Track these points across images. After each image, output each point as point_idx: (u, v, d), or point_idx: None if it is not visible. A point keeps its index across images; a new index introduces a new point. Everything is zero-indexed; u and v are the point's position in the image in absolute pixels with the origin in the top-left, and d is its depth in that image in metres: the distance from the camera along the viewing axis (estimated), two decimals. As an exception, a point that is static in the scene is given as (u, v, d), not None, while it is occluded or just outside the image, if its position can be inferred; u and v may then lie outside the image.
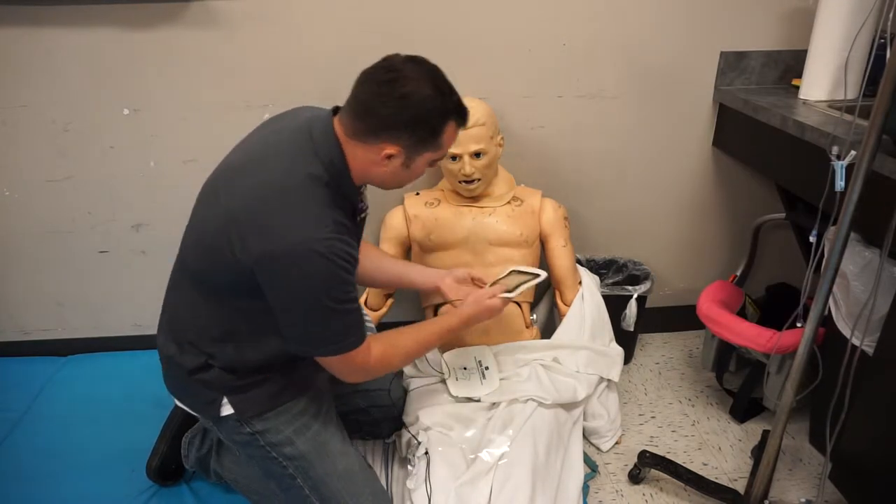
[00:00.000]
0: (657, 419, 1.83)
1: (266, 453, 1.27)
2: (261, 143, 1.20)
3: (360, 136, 1.13)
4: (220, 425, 1.29)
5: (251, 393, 1.25)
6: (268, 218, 1.08)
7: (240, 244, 1.08)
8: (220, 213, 1.12)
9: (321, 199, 1.10)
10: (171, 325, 1.27)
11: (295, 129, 1.17)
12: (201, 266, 1.18)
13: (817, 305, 1.20)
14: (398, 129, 1.12)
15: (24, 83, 1.71)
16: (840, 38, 1.59)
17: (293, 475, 1.28)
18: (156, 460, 1.54)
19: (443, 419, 1.51)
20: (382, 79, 1.11)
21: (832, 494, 1.45)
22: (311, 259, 1.05)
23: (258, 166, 1.14)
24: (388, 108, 1.10)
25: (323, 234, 1.07)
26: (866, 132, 1.04)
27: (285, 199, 1.08)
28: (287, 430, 1.27)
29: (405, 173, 1.20)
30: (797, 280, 1.97)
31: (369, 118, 1.11)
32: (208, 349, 1.22)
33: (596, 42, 1.80)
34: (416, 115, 1.11)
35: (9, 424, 1.75)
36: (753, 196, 2.05)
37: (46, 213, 1.88)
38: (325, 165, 1.13)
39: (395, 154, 1.14)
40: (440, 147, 1.19)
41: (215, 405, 1.24)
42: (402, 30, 1.73)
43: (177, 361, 1.25)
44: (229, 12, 1.68)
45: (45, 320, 2.04)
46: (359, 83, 1.14)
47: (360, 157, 1.15)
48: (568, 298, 1.77)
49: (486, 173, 1.69)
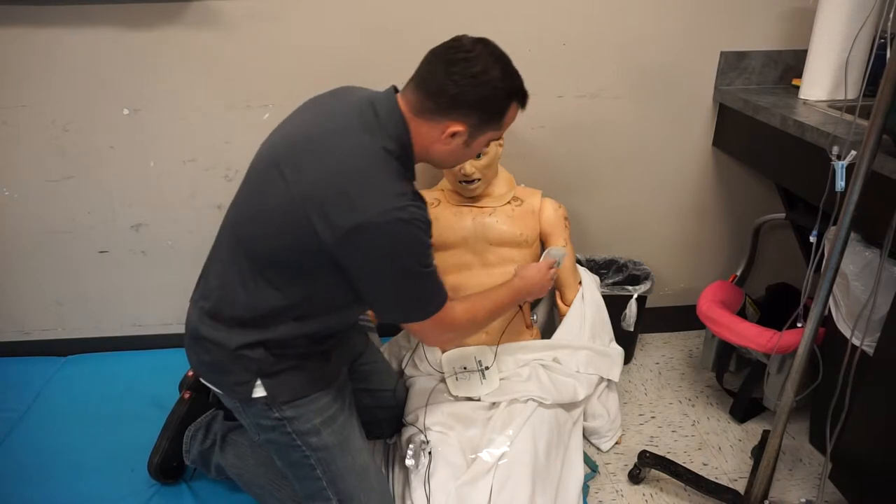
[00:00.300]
0: (657, 419, 1.83)
1: (291, 440, 1.27)
2: (321, 121, 1.19)
3: (427, 113, 1.16)
4: (246, 407, 1.27)
5: (286, 378, 1.24)
6: (351, 192, 1.09)
7: (322, 221, 1.08)
8: (291, 192, 1.12)
9: (396, 172, 1.14)
10: (218, 303, 1.24)
11: (356, 106, 1.18)
12: (264, 245, 1.17)
13: (817, 305, 1.20)
14: (467, 108, 1.15)
15: (24, 83, 1.72)
16: (840, 38, 1.59)
17: (314, 465, 1.27)
18: (157, 457, 1.53)
19: (443, 419, 1.51)
20: (454, 58, 1.14)
21: (832, 494, 1.45)
22: (398, 227, 1.09)
23: (326, 143, 1.14)
24: (459, 87, 1.13)
25: (404, 203, 1.10)
26: (866, 132, 1.04)
27: (365, 173, 1.11)
28: (315, 420, 1.27)
29: (464, 152, 1.23)
30: (797, 280, 1.97)
31: (440, 97, 1.14)
32: (259, 327, 1.21)
33: (596, 42, 1.80)
34: (486, 94, 1.15)
35: (9, 424, 1.75)
36: (753, 196, 2.05)
37: (46, 213, 1.88)
38: (395, 140, 1.16)
39: (460, 132, 1.17)
40: (501, 127, 1.23)
41: (248, 386, 1.23)
42: (402, 30, 1.73)
43: (218, 339, 1.22)
44: (229, 12, 1.68)
45: (44, 320, 2.04)
46: (428, 62, 1.17)
47: (423, 135, 1.18)
48: (568, 298, 1.78)
49: (487, 173, 1.69)
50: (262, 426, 1.28)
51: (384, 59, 1.74)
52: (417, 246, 1.13)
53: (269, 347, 1.22)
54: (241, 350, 1.21)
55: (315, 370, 1.28)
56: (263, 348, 1.21)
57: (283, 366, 1.24)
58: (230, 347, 1.21)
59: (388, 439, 1.63)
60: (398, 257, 1.12)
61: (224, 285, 1.23)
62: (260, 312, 1.20)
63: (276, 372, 1.23)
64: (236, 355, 1.22)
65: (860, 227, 1.37)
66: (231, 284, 1.21)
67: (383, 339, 1.87)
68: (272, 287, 1.18)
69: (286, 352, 1.23)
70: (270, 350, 1.22)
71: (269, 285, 1.18)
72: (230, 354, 1.22)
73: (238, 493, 1.52)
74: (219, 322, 1.23)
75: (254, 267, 1.19)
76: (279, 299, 1.19)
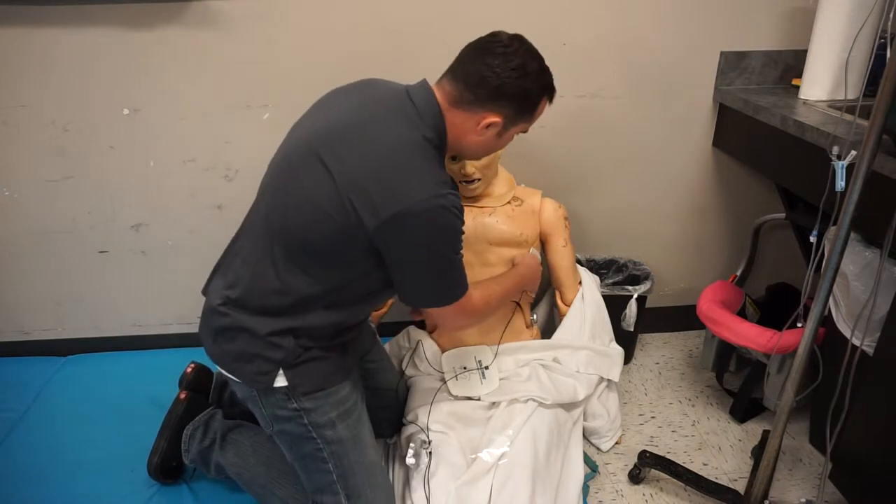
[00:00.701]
0: (657, 419, 1.83)
1: (306, 432, 1.27)
2: (356, 111, 1.21)
3: (465, 104, 1.19)
4: (264, 397, 1.27)
5: (308, 369, 1.24)
6: (395, 180, 1.11)
7: (366, 208, 1.10)
8: (334, 181, 1.13)
9: (435, 160, 1.18)
10: (248, 292, 1.23)
11: (392, 97, 1.21)
12: (302, 233, 1.17)
13: (817, 305, 1.20)
14: (506, 100, 1.19)
15: (24, 83, 1.72)
16: (840, 38, 1.59)
17: (326, 459, 1.28)
18: (156, 457, 1.53)
19: (443, 418, 1.51)
20: (495, 51, 1.18)
21: (832, 494, 1.45)
22: (440, 214, 1.12)
23: (368, 132, 1.16)
24: (500, 79, 1.17)
25: (445, 190, 1.13)
26: (866, 132, 1.04)
27: (407, 161, 1.13)
28: (332, 413, 1.27)
29: (495, 142, 1.27)
30: (797, 280, 1.97)
31: (480, 87, 1.18)
32: (289, 315, 1.21)
33: (596, 42, 1.80)
34: (524, 87, 1.19)
35: (9, 424, 1.75)
36: (753, 196, 2.05)
37: (46, 212, 1.88)
38: (432, 129, 1.19)
39: (495, 123, 1.21)
40: (532, 119, 1.28)
41: (270, 376, 1.23)
42: (402, 30, 1.73)
43: (248, 326, 1.22)
44: (229, 12, 1.68)
45: (44, 320, 2.04)
46: (468, 55, 1.21)
47: (458, 125, 1.21)
48: (568, 298, 1.77)
49: (487, 173, 1.69)
50: (277, 416, 1.28)
51: (384, 59, 1.74)
52: (453, 232, 1.17)
53: (297, 336, 1.22)
54: (270, 337, 1.21)
55: (335, 363, 1.28)
56: (293, 336, 1.22)
57: (307, 356, 1.24)
58: (261, 334, 1.21)
59: (388, 439, 1.63)
60: (436, 243, 1.15)
61: (256, 274, 1.23)
62: (291, 300, 1.20)
63: (299, 363, 1.23)
64: (266, 343, 1.22)
65: (860, 227, 1.37)
66: (263, 273, 1.21)
67: (383, 339, 1.87)
68: (307, 275, 1.19)
69: (312, 343, 1.24)
70: (299, 339, 1.23)
71: (304, 273, 1.19)
72: (259, 342, 1.22)
73: (238, 492, 1.52)
74: (248, 310, 1.23)
75: (288, 255, 1.19)
76: (312, 286, 1.20)
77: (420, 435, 1.47)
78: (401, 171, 1.12)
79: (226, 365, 1.30)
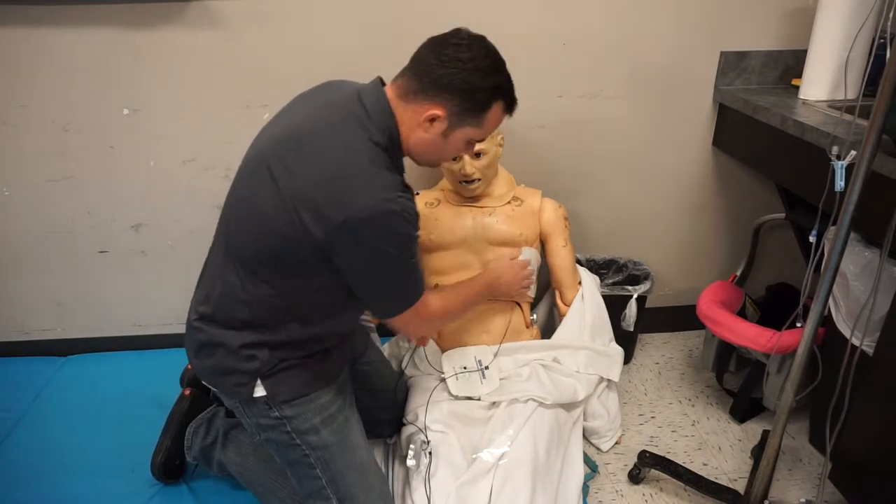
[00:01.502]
0: (657, 419, 1.83)
1: (290, 439, 1.27)
2: (307, 117, 1.20)
3: (411, 95, 1.17)
4: (247, 407, 1.27)
5: (286, 377, 1.24)
6: (340, 186, 1.09)
7: (312, 217, 1.09)
8: (280, 190, 1.12)
9: (385, 163, 1.15)
10: (219, 305, 1.24)
11: (343, 99, 1.19)
12: (257, 245, 1.17)
13: (817, 305, 1.20)
14: (449, 91, 1.15)
15: (24, 83, 1.72)
16: (840, 38, 1.59)
17: (313, 464, 1.28)
18: (160, 456, 1.54)
19: (443, 418, 1.51)
20: (448, 42, 1.17)
21: (832, 494, 1.45)
22: (389, 218, 1.10)
23: (314, 140, 1.15)
24: (445, 68, 1.14)
25: (395, 194, 1.11)
26: (866, 132, 1.04)
27: (354, 166, 1.11)
28: (315, 419, 1.27)
29: (442, 144, 1.22)
30: (797, 280, 1.97)
31: (426, 76, 1.16)
32: (262, 328, 1.21)
33: (596, 42, 1.80)
34: (469, 81, 1.15)
35: (9, 424, 1.75)
36: (753, 196, 2.05)
37: (46, 212, 1.88)
38: (381, 130, 1.16)
39: (440, 117, 1.17)
40: (482, 125, 1.22)
41: (248, 387, 1.23)
42: (402, 30, 1.72)
43: (220, 339, 1.23)
44: (229, 12, 1.68)
45: (45, 320, 2.04)
46: (423, 46, 1.20)
47: (406, 121, 1.19)
48: (568, 298, 1.77)
49: (487, 173, 1.69)
50: (261, 426, 1.28)
51: (384, 59, 1.72)
52: (406, 237, 1.14)
53: (273, 348, 1.22)
54: (244, 350, 1.22)
55: (315, 369, 1.28)
56: (268, 349, 1.22)
57: (284, 365, 1.24)
58: (234, 347, 1.21)
59: (388, 439, 1.63)
60: (387, 248, 1.13)
61: (224, 287, 1.23)
62: (259, 312, 1.20)
63: (276, 372, 1.23)
64: (239, 356, 1.22)
65: (860, 227, 1.37)
66: (230, 286, 1.21)
67: (383, 339, 1.87)
68: (270, 286, 1.18)
69: (288, 353, 1.24)
70: (274, 351, 1.23)
71: (267, 285, 1.18)
72: (233, 355, 1.22)
73: (239, 491, 1.53)
74: (220, 324, 1.23)
75: (247, 267, 1.19)
76: (276, 298, 1.19)
77: (420, 435, 1.47)
78: (347, 177, 1.10)
79: (207, 379, 1.31)
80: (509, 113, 1.25)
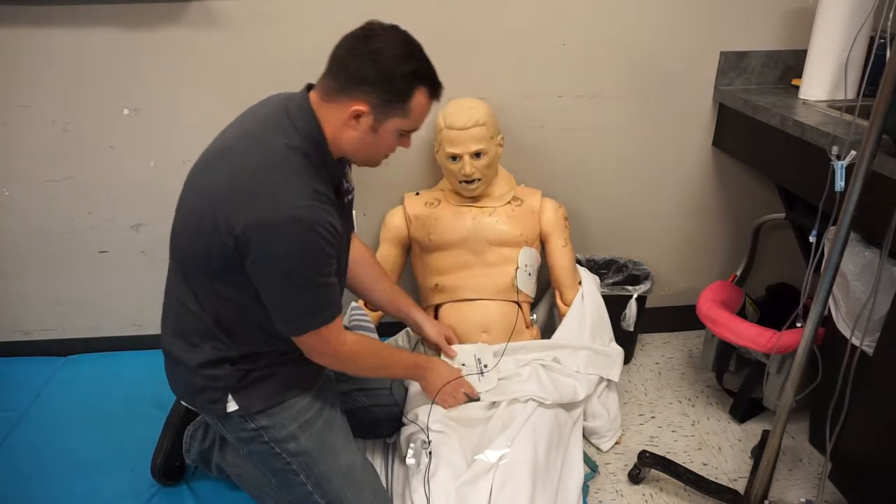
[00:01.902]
0: (657, 419, 1.83)
1: (270, 449, 1.27)
2: (238, 129, 1.21)
3: (332, 95, 1.15)
4: (225, 423, 1.29)
5: (256, 389, 1.25)
6: (248, 190, 1.08)
7: (224, 222, 1.09)
8: (202, 196, 1.14)
9: (300, 169, 1.11)
10: (176, 322, 1.27)
11: (270, 110, 1.19)
12: (192, 255, 1.18)
13: (817, 305, 1.20)
14: (367, 85, 1.12)
15: (24, 83, 1.72)
16: (840, 38, 1.59)
17: (296, 471, 1.28)
18: (160, 458, 1.54)
19: (443, 418, 1.50)
20: (357, 35, 1.15)
21: (832, 494, 1.45)
22: (293, 227, 1.07)
23: (236, 148, 1.16)
24: (357, 61, 1.12)
25: (304, 202, 1.08)
26: (866, 132, 1.04)
27: (264, 171, 1.10)
28: (291, 427, 1.27)
29: (373, 140, 1.18)
30: (797, 280, 1.97)
31: (341, 74, 1.14)
32: (220, 342, 1.22)
33: (596, 42, 1.80)
34: (385, 71, 1.12)
35: (9, 424, 1.75)
36: (753, 196, 2.05)
37: (46, 213, 1.88)
38: (303, 136, 1.14)
39: (364, 113, 1.14)
40: (409, 114, 1.17)
41: (221, 403, 1.24)
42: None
43: (183, 359, 1.24)
44: (229, 12, 1.68)
45: (45, 320, 2.04)
46: (338, 44, 1.17)
47: (332, 122, 1.16)
48: (568, 298, 1.77)
49: (487, 173, 1.70)
50: (241, 439, 1.29)
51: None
52: (312, 249, 1.10)
53: (234, 362, 1.23)
54: (206, 368, 1.22)
55: (285, 377, 1.28)
56: (229, 364, 1.23)
57: (252, 377, 1.24)
58: (193, 366, 1.23)
59: (387, 438, 1.63)
60: (291, 259, 1.09)
61: (178, 306, 1.25)
62: (213, 327, 1.21)
63: (245, 385, 1.24)
64: (202, 375, 1.23)
65: (860, 227, 1.37)
66: (182, 303, 1.23)
67: (383, 339, 1.87)
68: (215, 298, 1.19)
69: (252, 365, 1.23)
70: (237, 364, 1.23)
71: (213, 297, 1.19)
72: (197, 375, 1.23)
73: (238, 491, 1.52)
74: (183, 341, 1.25)
75: (191, 279, 1.20)
76: (224, 311, 1.19)
77: (420, 435, 1.47)
78: (255, 183, 1.08)
79: (185, 399, 1.33)
80: (436, 97, 1.21)
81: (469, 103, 1.68)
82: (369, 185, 1.89)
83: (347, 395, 1.51)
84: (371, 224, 1.94)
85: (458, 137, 1.64)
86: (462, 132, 1.64)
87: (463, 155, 1.65)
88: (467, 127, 1.64)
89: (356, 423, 1.53)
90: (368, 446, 1.63)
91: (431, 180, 1.90)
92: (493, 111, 1.71)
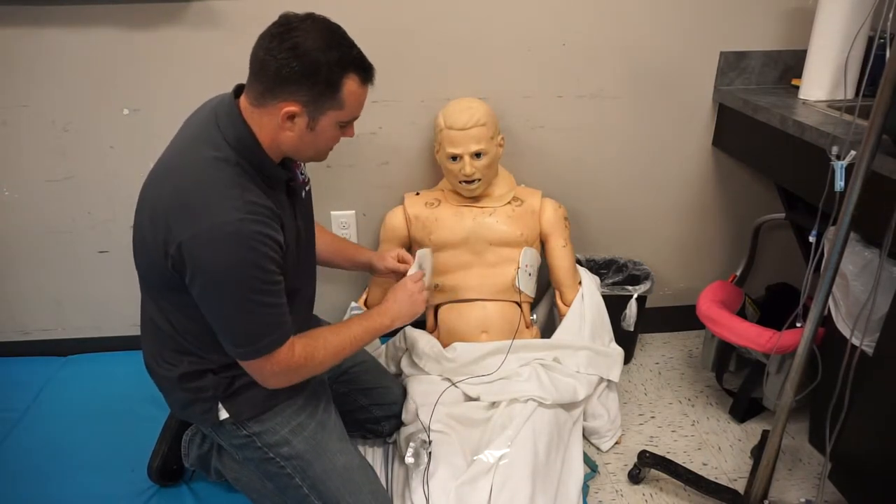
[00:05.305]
0: (657, 419, 1.83)
1: (263, 454, 1.27)
2: (177, 141, 1.19)
3: (260, 99, 1.09)
4: (219, 431, 1.29)
5: (245, 396, 1.25)
6: (182, 207, 1.06)
7: (162, 239, 1.07)
8: (145, 214, 1.13)
9: (229, 181, 1.07)
10: (152, 341, 1.27)
11: (202, 117, 1.16)
12: (146, 272, 1.19)
13: (817, 305, 1.20)
14: (292, 84, 1.07)
15: (24, 83, 1.72)
16: (840, 38, 1.59)
17: (291, 475, 1.28)
18: (157, 461, 1.54)
19: (443, 418, 1.51)
20: (273, 33, 1.08)
21: (832, 494, 1.45)
22: (225, 242, 1.03)
23: (173, 163, 1.14)
24: (277, 61, 1.05)
25: (234, 217, 1.03)
26: (866, 132, 1.04)
27: (195, 187, 1.06)
28: (283, 431, 1.27)
29: (312, 137, 1.14)
30: (797, 280, 1.97)
31: (264, 76, 1.08)
32: (190, 358, 1.22)
33: (596, 42, 1.80)
34: (308, 66, 1.06)
35: (9, 424, 1.75)
36: (753, 196, 2.05)
37: (46, 213, 1.88)
38: (232, 145, 1.10)
39: (297, 113, 1.09)
40: (343, 105, 1.12)
41: (212, 412, 1.25)
42: (403, 30, 1.73)
43: (167, 376, 1.25)
44: (229, 12, 1.68)
45: (45, 320, 2.04)
46: (254, 46, 1.11)
47: (266, 126, 1.11)
48: (568, 298, 1.78)
49: (487, 173, 1.70)
50: (235, 446, 1.30)
51: (384, 60, 1.73)
52: (249, 267, 1.05)
53: (216, 372, 1.23)
54: (188, 382, 1.22)
55: None
56: (211, 373, 1.23)
57: (239, 384, 1.24)
58: (177, 382, 1.23)
59: (387, 438, 1.63)
60: (226, 277, 1.04)
61: (150, 321, 1.25)
62: (183, 340, 1.21)
63: (234, 392, 1.24)
64: (188, 388, 1.23)
65: (860, 227, 1.37)
66: (153, 318, 1.23)
67: (382, 339, 1.87)
68: (178, 312, 1.18)
69: (237, 371, 1.22)
70: (219, 374, 1.23)
71: (175, 311, 1.18)
72: (182, 390, 1.24)
73: (237, 492, 1.52)
74: (161, 359, 1.25)
75: (155, 296, 1.20)
76: (189, 323, 1.18)
77: (420, 434, 1.47)
78: (192, 201, 1.05)
79: (179, 414, 1.33)
80: (369, 82, 1.15)
81: (469, 103, 1.68)
82: (369, 184, 1.89)
83: (346, 396, 1.51)
84: (371, 224, 1.94)
85: (458, 137, 1.64)
86: (462, 132, 1.64)
87: (463, 155, 1.65)
88: (467, 127, 1.64)
89: (356, 424, 1.54)
90: (368, 447, 1.64)
91: (431, 180, 1.90)
92: (492, 111, 1.71)
